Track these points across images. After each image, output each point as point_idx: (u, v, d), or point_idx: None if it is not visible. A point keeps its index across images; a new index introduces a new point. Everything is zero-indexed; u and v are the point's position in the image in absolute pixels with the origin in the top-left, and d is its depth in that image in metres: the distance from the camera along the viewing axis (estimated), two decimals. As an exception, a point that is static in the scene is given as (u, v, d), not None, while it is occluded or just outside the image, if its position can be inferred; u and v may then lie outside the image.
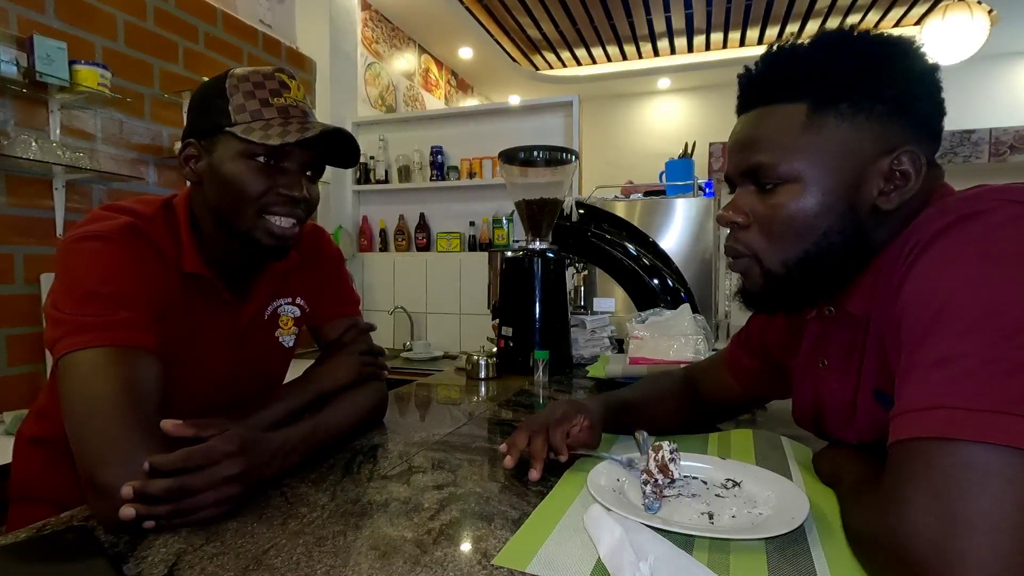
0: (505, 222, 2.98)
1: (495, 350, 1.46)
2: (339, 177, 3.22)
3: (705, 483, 0.65)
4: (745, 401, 0.89)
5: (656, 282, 1.72)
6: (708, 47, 4.87)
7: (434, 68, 4.68)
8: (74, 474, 0.58)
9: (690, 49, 4.90)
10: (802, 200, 0.56)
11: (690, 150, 2.45)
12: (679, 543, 0.50)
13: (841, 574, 0.46)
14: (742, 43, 4.77)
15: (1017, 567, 0.36)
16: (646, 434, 0.72)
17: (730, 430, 0.86)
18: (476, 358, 1.37)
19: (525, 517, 0.58)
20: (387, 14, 3.93)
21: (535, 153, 1.48)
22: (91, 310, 0.63)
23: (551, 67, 5.34)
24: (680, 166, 2.40)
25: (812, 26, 4.42)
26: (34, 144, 1.67)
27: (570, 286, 1.87)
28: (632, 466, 0.67)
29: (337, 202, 3.24)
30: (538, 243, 1.48)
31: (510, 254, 1.47)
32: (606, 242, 1.78)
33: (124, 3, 2.08)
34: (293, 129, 0.70)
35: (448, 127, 3.23)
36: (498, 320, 1.48)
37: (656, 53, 4.99)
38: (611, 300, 1.82)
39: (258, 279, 0.83)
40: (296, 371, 0.90)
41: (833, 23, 4.36)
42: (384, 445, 0.83)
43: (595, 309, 1.81)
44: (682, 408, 0.87)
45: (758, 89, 0.60)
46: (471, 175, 3.09)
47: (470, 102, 5.33)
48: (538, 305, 1.42)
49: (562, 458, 0.69)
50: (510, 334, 1.43)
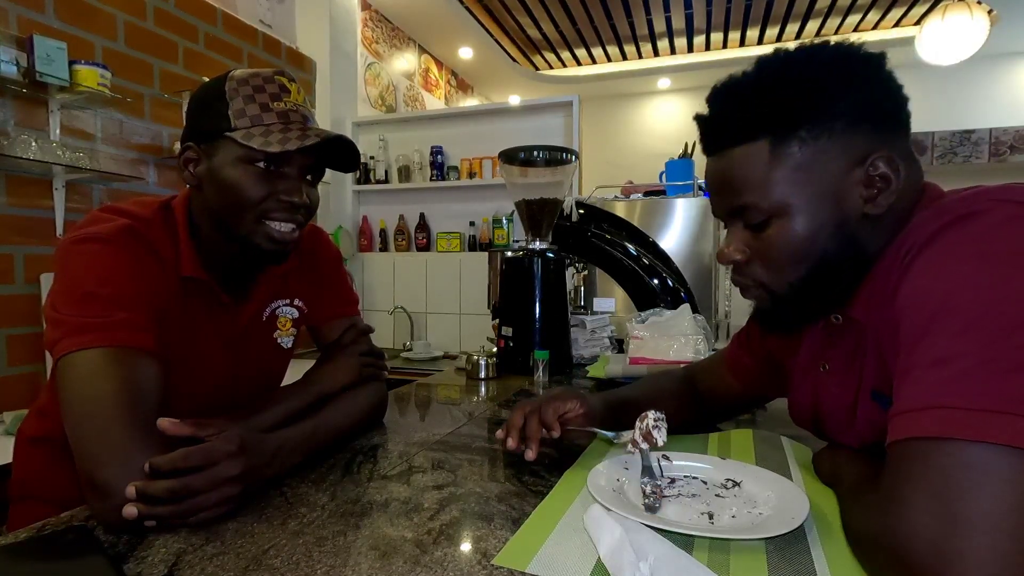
0: (505, 222, 2.98)
1: (495, 350, 1.46)
2: (339, 177, 3.22)
3: (705, 483, 0.65)
4: (745, 400, 0.89)
5: (656, 282, 1.72)
6: (708, 47, 4.87)
7: (434, 68, 4.68)
8: (74, 473, 0.58)
9: (690, 49, 4.91)
10: (792, 229, 0.57)
11: (690, 150, 2.45)
12: (679, 543, 0.50)
13: (841, 574, 0.46)
14: (742, 43, 4.77)
15: (1016, 566, 0.36)
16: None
17: (730, 430, 0.86)
18: (476, 358, 1.37)
19: (525, 517, 0.58)
20: (387, 14, 3.93)
21: (535, 153, 1.48)
22: (90, 311, 0.63)
23: (551, 67, 5.35)
24: (680, 166, 2.40)
25: (812, 26, 4.41)
26: (34, 144, 1.67)
27: (570, 286, 1.87)
28: (618, 439, 0.69)
29: (337, 202, 3.25)
30: (538, 243, 1.48)
31: (510, 254, 1.47)
32: (606, 242, 1.78)
33: (124, 3, 2.08)
34: (293, 135, 0.70)
35: (448, 127, 3.23)
36: (498, 320, 1.48)
37: (656, 53, 5.00)
38: (611, 300, 1.81)
39: (256, 281, 0.83)
40: (296, 372, 0.90)
41: (833, 23, 4.37)
42: (384, 445, 0.83)
43: (595, 309, 1.81)
44: (682, 407, 0.87)
45: (717, 133, 0.61)
46: (471, 175, 3.09)
47: (470, 102, 5.33)
48: (538, 305, 1.42)
49: (554, 434, 0.71)
50: (510, 334, 1.43)
